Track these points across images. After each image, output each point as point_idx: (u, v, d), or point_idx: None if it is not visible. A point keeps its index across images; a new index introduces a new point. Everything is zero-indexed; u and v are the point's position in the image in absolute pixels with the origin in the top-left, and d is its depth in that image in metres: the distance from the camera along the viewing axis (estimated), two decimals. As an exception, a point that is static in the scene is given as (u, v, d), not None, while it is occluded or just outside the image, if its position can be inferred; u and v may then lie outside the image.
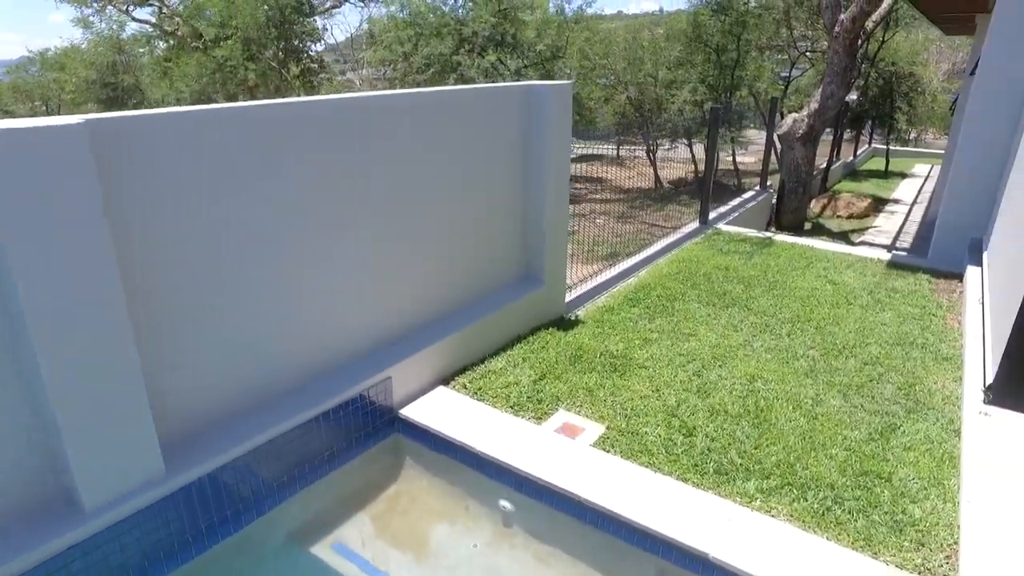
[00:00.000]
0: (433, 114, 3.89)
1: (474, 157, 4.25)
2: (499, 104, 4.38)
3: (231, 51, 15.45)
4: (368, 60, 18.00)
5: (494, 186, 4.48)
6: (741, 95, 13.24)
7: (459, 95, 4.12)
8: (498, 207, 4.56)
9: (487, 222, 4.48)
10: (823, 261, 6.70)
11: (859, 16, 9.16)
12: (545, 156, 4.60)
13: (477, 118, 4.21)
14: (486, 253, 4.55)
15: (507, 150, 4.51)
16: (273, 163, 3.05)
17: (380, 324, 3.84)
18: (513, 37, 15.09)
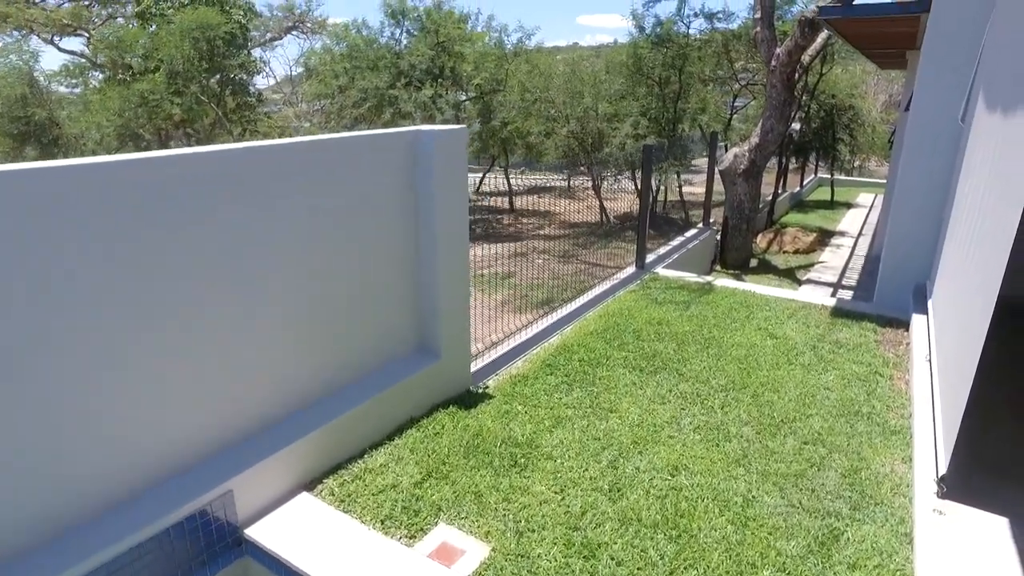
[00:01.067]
0: (297, 167, 3.26)
1: (349, 215, 3.61)
2: (379, 154, 3.76)
3: (154, 84, 14.63)
4: (303, 94, 17.35)
5: (375, 246, 3.83)
6: (684, 128, 12.96)
7: (327, 144, 3.48)
8: (381, 270, 3.91)
9: (368, 289, 3.83)
10: (765, 310, 6.22)
11: (794, 50, 8.90)
12: (435, 210, 3.99)
13: (353, 170, 3.59)
14: (368, 325, 3.88)
15: (391, 205, 3.89)
16: (57, 240, 2.36)
17: (224, 423, 3.14)
18: (451, 70, 14.64)
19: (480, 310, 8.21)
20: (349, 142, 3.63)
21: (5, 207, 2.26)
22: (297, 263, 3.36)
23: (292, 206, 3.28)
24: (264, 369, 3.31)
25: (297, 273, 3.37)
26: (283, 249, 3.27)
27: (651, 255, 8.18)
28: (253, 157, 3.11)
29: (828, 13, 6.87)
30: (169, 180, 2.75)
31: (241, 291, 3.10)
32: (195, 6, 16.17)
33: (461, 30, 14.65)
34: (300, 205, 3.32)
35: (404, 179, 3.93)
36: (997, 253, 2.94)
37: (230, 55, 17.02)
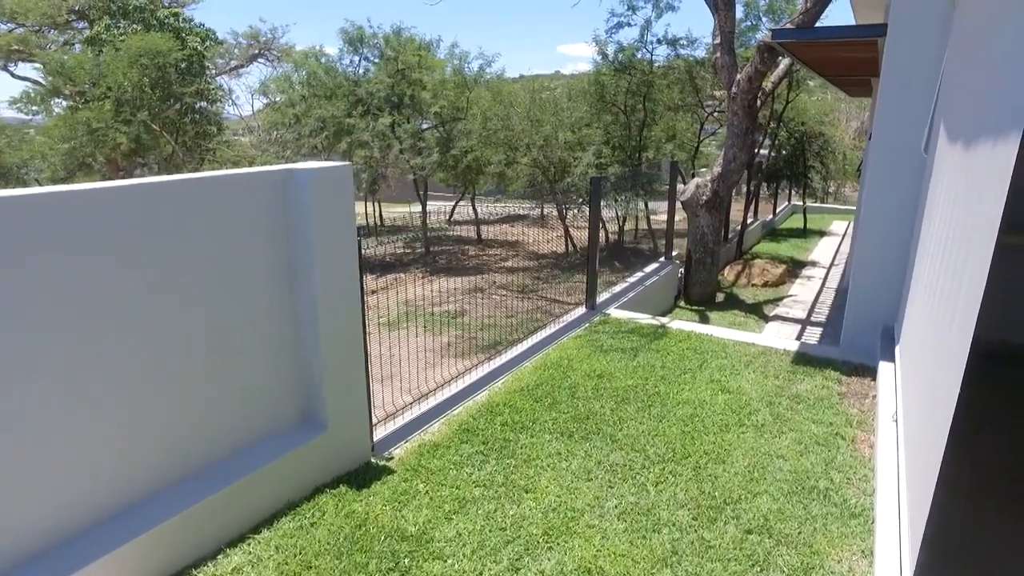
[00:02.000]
0: (139, 213, 2.68)
1: (205, 266, 3.02)
2: (242, 196, 3.18)
3: (100, 113, 14.00)
4: (260, 123, 16.81)
5: (239, 301, 3.23)
6: (649, 156, 12.56)
7: (173, 187, 2.90)
8: (249, 329, 3.30)
9: (232, 352, 3.22)
10: (720, 357, 5.67)
11: (755, 76, 8.50)
12: (314, 258, 3.40)
13: (209, 215, 3.01)
14: (231, 394, 3.26)
15: (259, 254, 3.30)
16: None
17: (23, 528, 2.49)
18: (411, 99, 14.18)
19: (421, 355, 7.61)
20: (202, 183, 3.05)
21: None
22: (135, 325, 2.75)
23: (131, 256, 2.68)
24: (100, 453, 2.68)
25: (137, 336, 2.76)
26: (118, 309, 2.66)
27: (605, 293, 7.63)
28: (72, 202, 2.53)
29: (782, 36, 6.46)
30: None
31: (54, 356, 2.48)
32: (145, 32, 15.66)
33: (421, 57, 14.22)
34: (140, 255, 2.72)
35: (276, 225, 3.34)
36: (969, 291, 2.41)
37: (186, 83, 16.48)
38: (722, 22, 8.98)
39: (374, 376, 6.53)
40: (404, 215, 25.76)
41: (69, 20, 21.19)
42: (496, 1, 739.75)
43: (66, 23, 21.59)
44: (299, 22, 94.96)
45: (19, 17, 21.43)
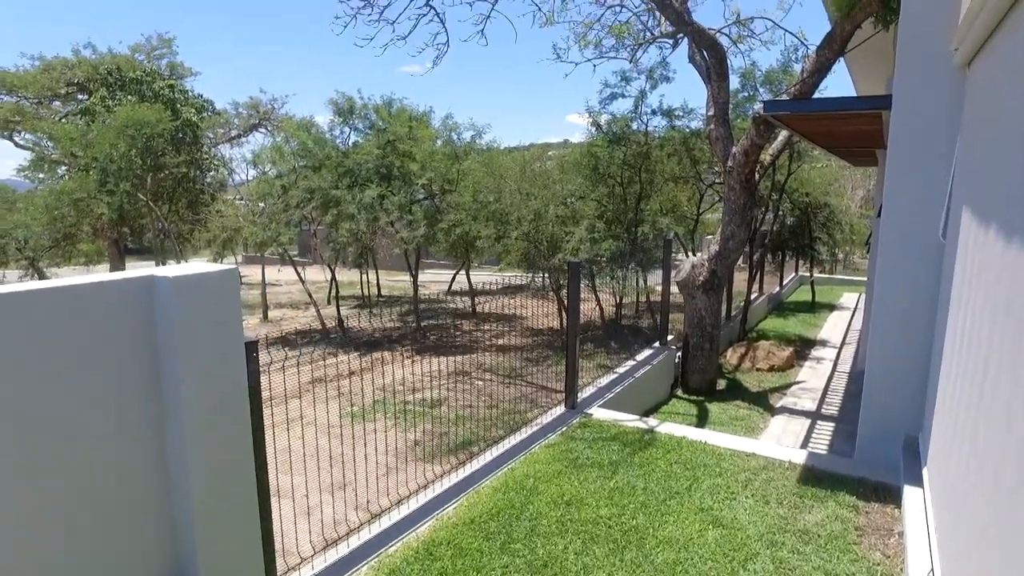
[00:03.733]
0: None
1: (45, 399, 2.31)
2: (89, 310, 2.50)
3: (83, 183, 13.70)
4: (249, 193, 16.52)
5: (88, 447, 2.50)
6: (645, 230, 11.97)
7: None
8: (98, 475, 2.56)
9: (71, 500, 2.47)
10: (714, 474, 4.84)
11: (751, 149, 7.95)
12: (184, 384, 2.69)
13: (44, 335, 2.33)
14: (72, 560, 2.49)
15: (114, 380, 2.59)
16: None
17: None
18: (400, 170, 13.80)
19: (384, 456, 6.80)
20: (36, 296, 2.38)
21: None
22: None
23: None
24: None
25: None
26: None
27: (591, 387, 6.85)
28: None
29: (776, 109, 5.91)
30: None
31: None
32: (137, 104, 15.60)
33: (411, 128, 13.93)
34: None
35: (137, 345, 2.65)
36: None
37: (178, 152, 16.28)
38: (716, 93, 8.52)
39: (324, 486, 5.72)
40: (404, 284, 25.28)
41: (69, 92, 21.46)
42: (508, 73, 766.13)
43: (67, 95, 21.89)
44: (299, 92, 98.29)
45: (19, 90, 21.73)
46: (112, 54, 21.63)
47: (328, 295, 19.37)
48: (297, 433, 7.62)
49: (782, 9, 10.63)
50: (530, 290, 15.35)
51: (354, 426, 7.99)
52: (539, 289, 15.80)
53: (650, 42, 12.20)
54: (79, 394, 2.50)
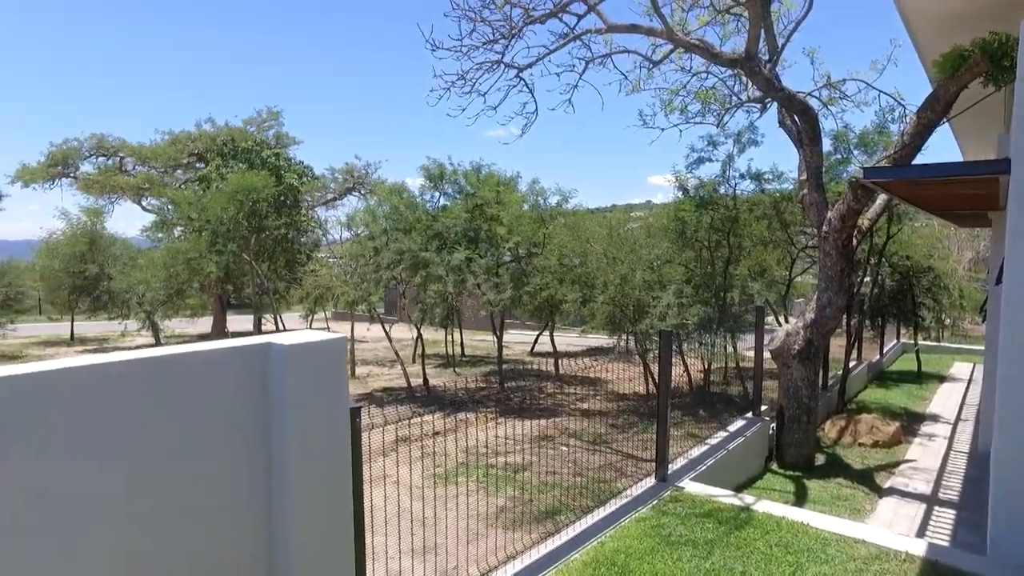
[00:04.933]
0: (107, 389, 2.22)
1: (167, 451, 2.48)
2: (210, 373, 2.68)
3: (195, 243, 14.85)
4: (342, 254, 17.33)
5: (198, 493, 2.64)
6: (734, 296, 11.67)
7: (148, 364, 2.46)
8: (206, 523, 2.68)
9: (176, 559, 2.59)
10: (820, 561, 4.52)
11: (848, 214, 7.69)
12: (295, 443, 2.81)
13: (171, 396, 2.52)
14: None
15: (228, 440, 2.74)
16: None
17: None
18: (487, 234, 14.16)
19: (468, 521, 6.75)
20: (168, 361, 2.58)
21: None
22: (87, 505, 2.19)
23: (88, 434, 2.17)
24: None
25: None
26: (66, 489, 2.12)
27: (681, 459, 6.62)
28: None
29: (876, 176, 5.71)
30: None
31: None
32: (247, 172, 16.90)
33: (499, 193, 14.35)
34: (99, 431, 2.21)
35: (252, 406, 2.80)
36: None
37: (280, 215, 17.41)
38: (808, 157, 8.35)
39: (411, 549, 5.73)
40: (487, 344, 25.52)
41: (190, 162, 23.52)
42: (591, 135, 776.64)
43: (188, 164, 23.97)
44: (391, 158, 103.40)
45: (150, 161, 24.04)
46: (228, 127, 23.63)
47: (413, 353, 19.78)
48: (384, 492, 7.70)
49: (875, 70, 10.40)
50: (614, 353, 15.17)
51: (439, 488, 8.00)
52: (623, 353, 15.59)
53: (737, 107, 12.18)
54: (198, 451, 2.65)
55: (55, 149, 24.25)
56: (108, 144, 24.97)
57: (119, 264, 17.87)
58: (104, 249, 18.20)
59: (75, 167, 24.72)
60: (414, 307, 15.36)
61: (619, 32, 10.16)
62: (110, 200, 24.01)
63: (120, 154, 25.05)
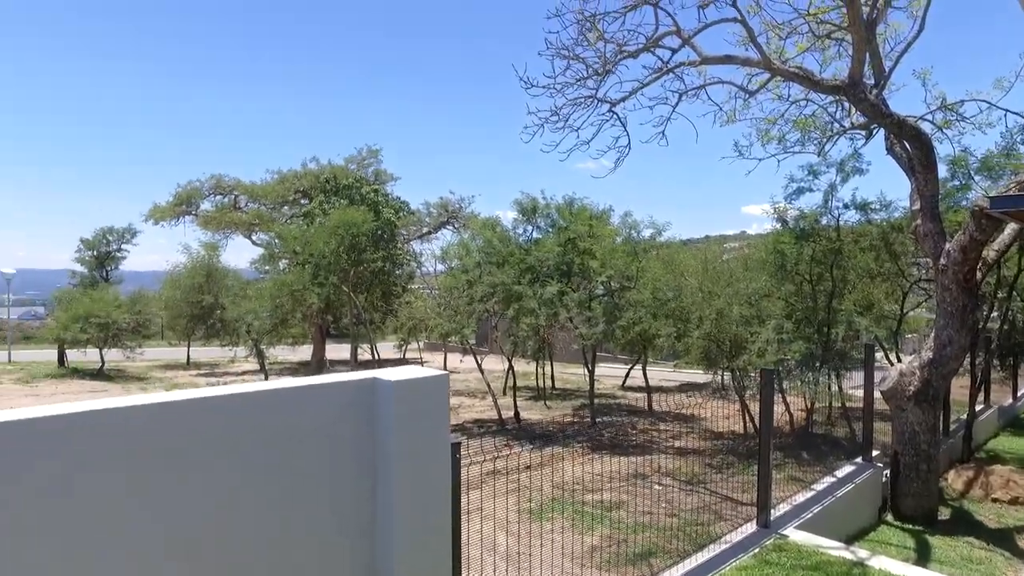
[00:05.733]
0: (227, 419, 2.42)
1: (279, 474, 2.63)
2: (323, 403, 2.82)
3: (299, 276, 15.70)
4: (436, 286, 17.79)
5: (301, 518, 2.76)
6: (839, 332, 11.04)
7: (270, 396, 2.65)
8: (307, 550, 2.79)
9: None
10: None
11: (970, 246, 7.16)
12: (395, 474, 2.89)
13: (284, 427, 2.68)
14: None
15: (335, 469, 2.85)
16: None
17: None
18: (580, 267, 14.16)
19: (561, 560, 6.65)
20: (284, 393, 2.74)
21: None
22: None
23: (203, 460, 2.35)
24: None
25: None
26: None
27: (784, 504, 6.28)
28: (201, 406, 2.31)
29: (1004, 205, 5.30)
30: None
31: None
32: (347, 207, 17.79)
33: (592, 227, 14.36)
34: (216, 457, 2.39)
35: (360, 437, 2.92)
36: None
37: (377, 249, 18.15)
38: (921, 186, 7.87)
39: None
40: (578, 377, 25.31)
41: (296, 198, 25.05)
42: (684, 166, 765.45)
43: (294, 201, 25.52)
44: (483, 193, 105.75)
45: (261, 198, 25.78)
46: (331, 165, 25.04)
47: (504, 385, 19.88)
48: (475, 526, 7.72)
49: (1000, 88, 9.68)
50: (709, 389, 14.67)
51: (530, 523, 7.94)
52: (719, 389, 15.05)
53: (839, 134, 11.69)
54: (311, 475, 2.78)
55: (180, 189, 26.53)
56: (225, 184, 27.06)
57: (231, 295, 19.17)
58: (219, 280, 19.62)
59: (196, 205, 26.90)
60: (506, 339, 15.50)
61: (714, 64, 10.04)
62: (225, 235, 25.92)
63: (235, 192, 27.07)
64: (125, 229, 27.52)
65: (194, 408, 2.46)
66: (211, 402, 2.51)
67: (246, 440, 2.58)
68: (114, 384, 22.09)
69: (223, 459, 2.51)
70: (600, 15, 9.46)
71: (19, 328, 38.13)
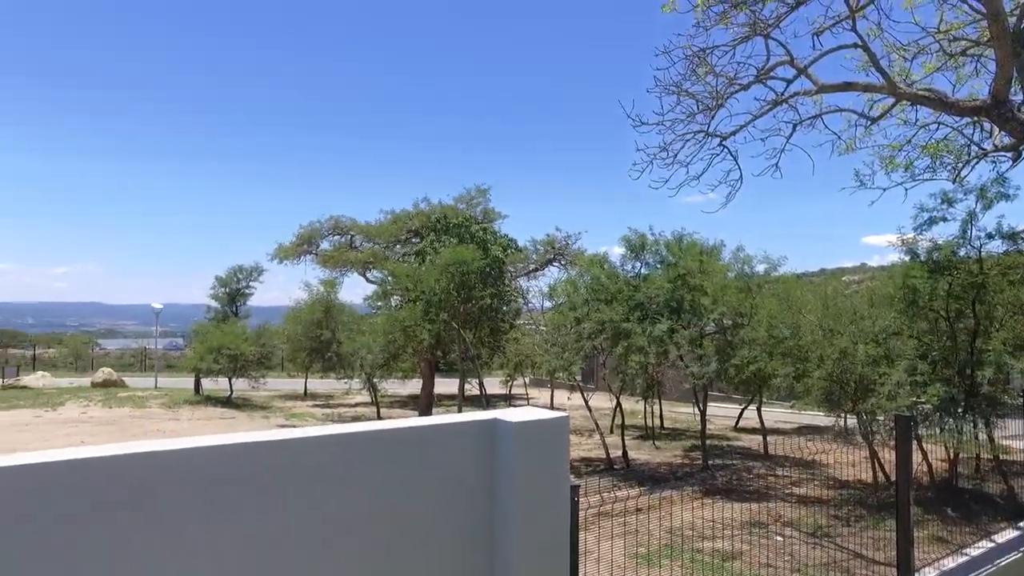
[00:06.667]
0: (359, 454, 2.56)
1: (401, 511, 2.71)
2: (447, 442, 2.88)
3: (411, 313, 16.26)
4: (544, 323, 17.86)
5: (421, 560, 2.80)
6: (986, 374, 10.03)
7: (403, 433, 2.76)
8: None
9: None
10: None
11: None
12: (519, 522, 2.88)
13: (411, 461, 2.77)
14: None
15: (454, 513, 2.89)
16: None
17: None
18: (690, 304, 13.81)
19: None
20: (411, 432, 2.83)
21: None
22: None
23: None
24: None
25: None
26: None
27: (930, 569, 5.70)
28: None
29: None
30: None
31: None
32: (457, 246, 18.34)
33: (702, 262, 14.01)
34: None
35: (478, 480, 2.94)
36: None
37: (485, 286, 18.53)
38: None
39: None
40: (688, 416, 24.49)
41: (408, 237, 26.15)
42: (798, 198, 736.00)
43: (406, 240, 26.64)
44: (590, 229, 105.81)
45: (376, 238, 27.11)
46: (441, 204, 26.01)
47: (612, 423, 19.54)
48: (589, 569, 7.55)
49: None
50: (832, 433, 13.74)
51: (642, 570, 7.67)
52: (842, 433, 14.05)
53: (979, 158, 10.85)
54: (430, 514, 2.83)
55: (302, 230, 28.41)
56: (342, 224, 28.74)
57: (346, 330, 20.18)
58: (335, 316, 20.73)
59: (316, 245, 28.70)
60: (614, 377, 15.28)
61: (831, 91, 9.65)
62: (341, 273, 27.44)
63: (351, 233, 28.68)
64: (253, 268, 29.82)
65: (328, 443, 2.57)
66: (342, 438, 2.61)
67: (371, 477, 2.66)
68: (241, 412, 23.67)
69: (343, 495, 2.59)
70: (709, 49, 9.36)
71: (163, 357, 42.05)
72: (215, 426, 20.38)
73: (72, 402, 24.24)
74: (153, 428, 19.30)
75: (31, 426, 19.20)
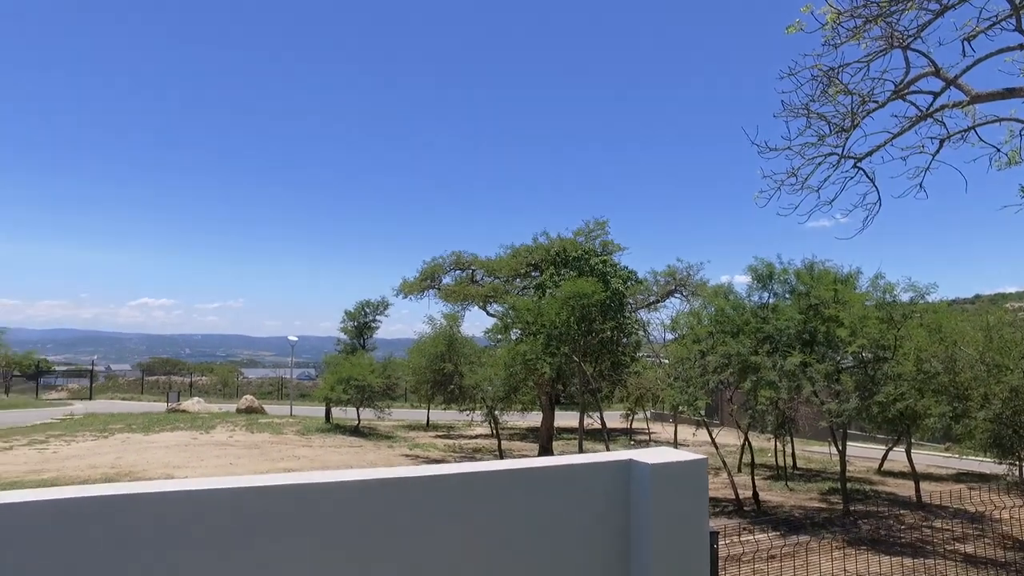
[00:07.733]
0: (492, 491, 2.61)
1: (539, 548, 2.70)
2: (579, 482, 2.85)
3: (532, 345, 16.34)
4: (665, 355, 17.36)
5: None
6: None
7: (535, 472, 2.78)
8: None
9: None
10: None
11: None
12: (655, 569, 2.78)
13: (544, 499, 2.77)
14: None
15: (590, 555, 2.84)
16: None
17: None
18: (824, 336, 12.95)
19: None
20: (545, 471, 2.83)
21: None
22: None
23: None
24: None
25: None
26: None
27: None
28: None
29: None
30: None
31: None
32: (577, 279, 18.32)
33: (837, 291, 13.11)
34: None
35: (612, 522, 2.88)
36: None
37: (606, 319, 18.34)
38: None
39: None
40: (823, 456, 22.80)
41: (527, 271, 26.45)
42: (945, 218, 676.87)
43: (526, 274, 26.97)
44: (712, 259, 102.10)
45: (496, 272, 27.67)
46: (560, 238, 26.18)
47: (739, 462, 18.56)
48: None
49: None
50: (1003, 483, 12.24)
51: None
52: (1017, 483, 12.51)
53: None
54: (563, 552, 2.78)
55: (426, 266, 29.57)
56: (464, 259, 29.64)
57: (468, 362, 20.64)
58: (458, 349, 21.28)
59: (439, 280, 29.73)
60: (742, 413, 14.55)
61: (987, 100, 8.85)
62: (463, 307, 28.18)
63: (472, 267, 29.49)
64: (379, 302, 31.32)
65: (466, 480, 2.61)
66: (482, 476, 2.64)
67: (506, 517, 2.67)
68: (368, 440, 24.70)
69: (480, 535, 2.60)
70: (840, 67, 8.90)
71: (297, 386, 45.10)
72: (343, 453, 21.38)
73: (221, 426, 26.39)
74: (289, 453, 20.55)
75: (189, 447, 21.07)
